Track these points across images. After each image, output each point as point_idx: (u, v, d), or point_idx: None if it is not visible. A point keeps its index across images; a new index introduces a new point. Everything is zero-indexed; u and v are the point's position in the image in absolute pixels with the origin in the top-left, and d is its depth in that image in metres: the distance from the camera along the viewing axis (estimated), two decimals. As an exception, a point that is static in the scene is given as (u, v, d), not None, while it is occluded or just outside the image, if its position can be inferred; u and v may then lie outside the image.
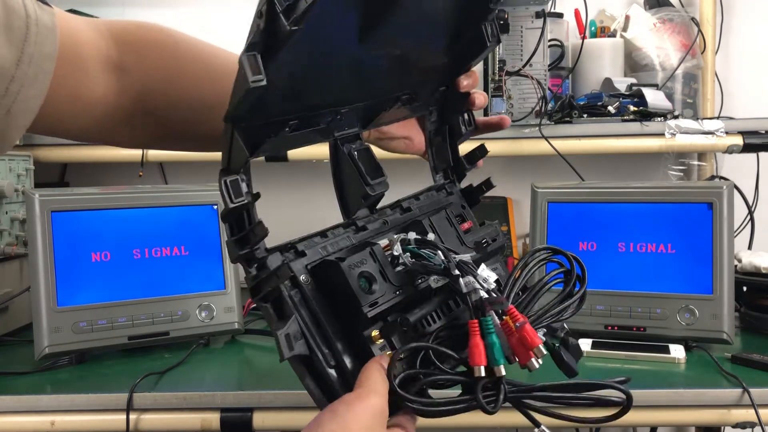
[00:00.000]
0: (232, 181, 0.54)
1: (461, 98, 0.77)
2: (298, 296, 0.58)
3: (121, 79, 0.57)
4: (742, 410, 0.94)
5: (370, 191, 0.64)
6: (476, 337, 0.56)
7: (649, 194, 1.16)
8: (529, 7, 1.37)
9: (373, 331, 0.58)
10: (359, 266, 0.58)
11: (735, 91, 1.70)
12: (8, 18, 0.44)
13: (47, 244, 1.09)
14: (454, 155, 0.78)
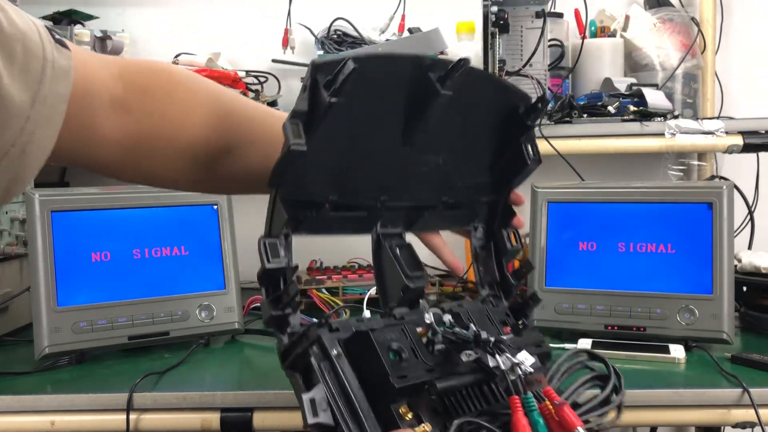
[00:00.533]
0: (270, 242, 0.57)
1: (506, 215, 0.77)
2: (328, 367, 0.57)
3: (125, 119, 0.57)
4: (742, 410, 0.94)
5: (410, 283, 0.65)
6: (519, 413, 0.54)
7: (649, 194, 1.16)
8: (529, 7, 1.37)
9: (401, 406, 0.56)
10: (390, 340, 0.58)
11: (735, 91, 1.70)
12: (26, 60, 0.45)
13: (47, 244, 1.09)
14: (501, 271, 0.77)
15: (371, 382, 0.57)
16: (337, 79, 0.54)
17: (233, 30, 1.72)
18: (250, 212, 1.48)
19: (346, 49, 1.56)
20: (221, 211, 1.21)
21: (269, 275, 0.57)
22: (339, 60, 0.55)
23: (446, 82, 0.62)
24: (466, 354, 0.58)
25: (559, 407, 0.54)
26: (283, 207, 0.58)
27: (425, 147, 0.67)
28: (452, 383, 0.57)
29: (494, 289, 0.77)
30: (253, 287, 1.58)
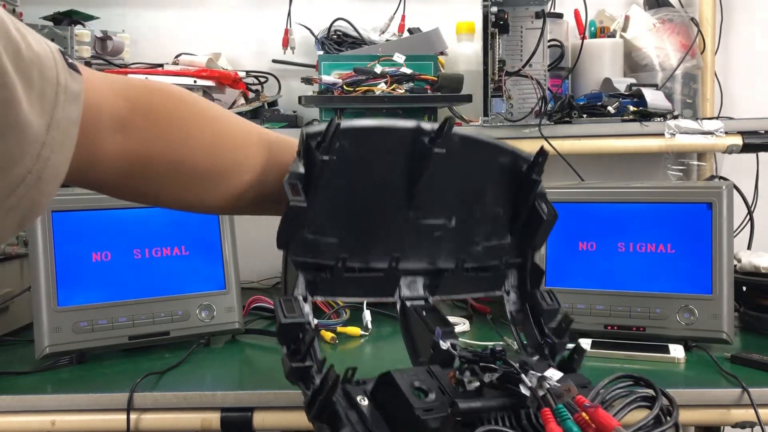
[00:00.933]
0: (285, 300, 0.60)
1: (535, 275, 0.77)
2: (356, 417, 0.58)
3: (125, 141, 0.58)
4: (741, 410, 0.94)
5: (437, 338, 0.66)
6: (551, 423, 0.53)
7: (649, 194, 1.16)
8: (529, 7, 1.37)
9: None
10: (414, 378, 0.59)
11: (735, 91, 1.70)
12: (42, 85, 0.45)
13: (48, 244, 1.09)
14: (541, 333, 0.76)
15: (400, 424, 0.56)
16: (326, 137, 0.59)
17: (233, 30, 1.72)
18: (250, 212, 1.49)
19: (346, 50, 1.56)
20: (221, 211, 1.21)
21: (286, 330, 0.58)
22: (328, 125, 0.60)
23: (437, 141, 0.66)
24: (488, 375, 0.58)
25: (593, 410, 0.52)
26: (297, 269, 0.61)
27: (432, 211, 0.69)
28: (477, 405, 0.56)
29: (538, 350, 0.76)
30: (253, 287, 1.59)
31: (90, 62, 1.46)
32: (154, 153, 0.60)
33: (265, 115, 1.48)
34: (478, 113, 1.40)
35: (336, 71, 1.39)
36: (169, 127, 0.61)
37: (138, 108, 0.58)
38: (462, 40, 1.63)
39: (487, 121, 1.36)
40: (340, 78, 1.37)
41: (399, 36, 1.60)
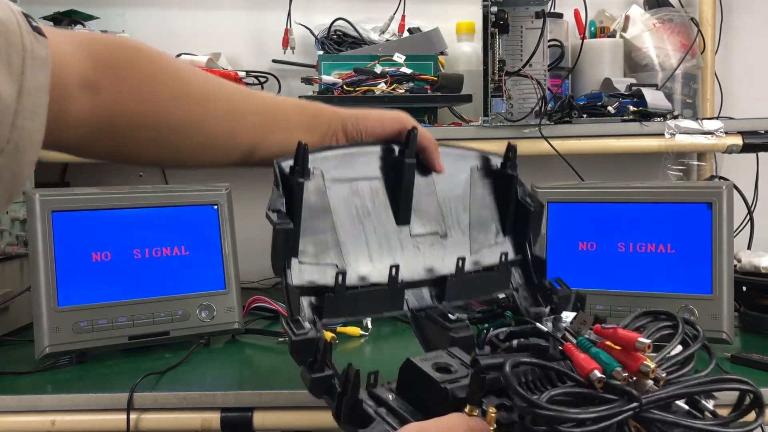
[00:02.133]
0: (294, 321, 0.61)
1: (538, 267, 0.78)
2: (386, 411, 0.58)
3: (94, 99, 0.58)
4: (741, 410, 0.94)
5: (454, 335, 0.67)
6: (576, 352, 0.52)
7: (649, 194, 1.16)
8: (529, 7, 1.37)
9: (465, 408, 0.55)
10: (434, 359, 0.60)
11: (735, 91, 1.70)
12: (8, 53, 0.44)
13: (48, 244, 1.09)
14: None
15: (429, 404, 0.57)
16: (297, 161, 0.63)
17: (233, 30, 1.72)
18: (250, 212, 1.49)
19: (346, 49, 1.56)
20: (221, 211, 1.21)
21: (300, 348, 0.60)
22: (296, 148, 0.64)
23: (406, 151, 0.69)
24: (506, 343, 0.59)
25: (612, 331, 0.51)
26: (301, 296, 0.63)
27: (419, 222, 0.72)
28: (498, 360, 0.56)
29: None
30: (253, 287, 1.59)
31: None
32: (123, 110, 0.60)
33: (265, 115, 1.48)
34: (478, 113, 1.40)
35: (336, 71, 1.39)
36: (136, 82, 0.61)
37: (103, 66, 0.58)
38: (462, 40, 1.63)
39: (487, 121, 1.36)
40: (340, 78, 1.37)
41: (399, 36, 1.60)
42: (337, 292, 0.65)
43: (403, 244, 0.71)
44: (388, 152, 0.70)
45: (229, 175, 1.50)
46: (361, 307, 0.68)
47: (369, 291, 0.68)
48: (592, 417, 0.47)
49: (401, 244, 0.71)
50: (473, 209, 0.76)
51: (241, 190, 1.39)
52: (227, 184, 1.24)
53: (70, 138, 0.58)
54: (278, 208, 0.61)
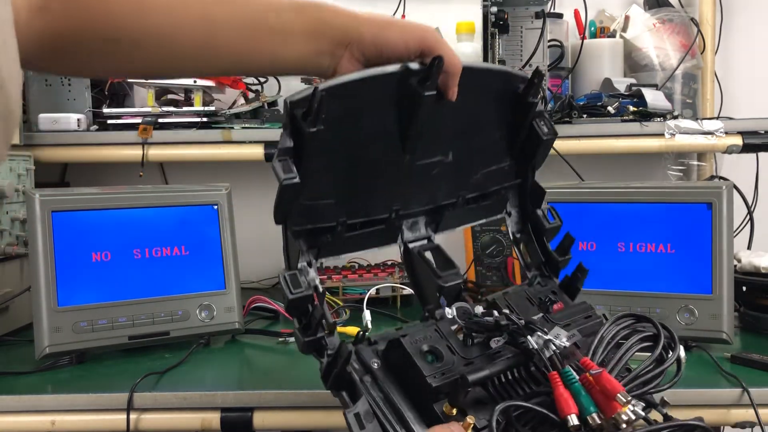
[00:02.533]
0: (290, 275, 0.59)
1: (536, 194, 0.77)
2: (370, 381, 0.59)
3: (44, 18, 0.58)
4: (741, 410, 0.94)
5: (443, 283, 0.66)
6: (560, 387, 0.54)
7: (649, 194, 1.16)
8: (528, 8, 1.37)
9: (444, 405, 0.57)
10: (423, 341, 0.60)
11: (734, 91, 1.70)
12: None
13: (48, 244, 1.09)
14: (544, 251, 0.78)
15: (412, 386, 0.58)
16: (312, 109, 0.56)
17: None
18: (250, 212, 1.49)
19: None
20: (221, 211, 1.21)
21: (295, 305, 0.59)
22: (311, 92, 0.57)
23: (427, 83, 0.62)
24: (494, 341, 0.59)
25: (598, 375, 0.53)
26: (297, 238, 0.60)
27: (428, 150, 0.67)
28: (484, 373, 0.57)
29: (541, 269, 0.78)
30: (253, 287, 1.59)
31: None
32: (75, 26, 0.59)
33: (266, 116, 1.48)
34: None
35: (336, 71, 1.39)
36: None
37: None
38: (462, 40, 1.62)
39: (487, 121, 1.36)
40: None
41: (399, 36, 1.59)
42: (336, 235, 0.64)
43: (407, 174, 0.68)
44: (405, 77, 0.63)
45: (229, 175, 1.50)
46: (358, 245, 0.68)
47: (368, 232, 0.67)
48: None
49: (406, 175, 0.68)
50: (484, 132, 0.72)
51: (241, 190, 1.39)
52: (227, 184, 1.24)
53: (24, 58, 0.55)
54: (285, 158, 0.57)
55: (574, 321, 0.69)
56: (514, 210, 0.78)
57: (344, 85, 0.59)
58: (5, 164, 1.25)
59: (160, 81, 1.45)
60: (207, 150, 1.42)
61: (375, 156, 0.65)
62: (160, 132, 1.40)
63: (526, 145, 0.74)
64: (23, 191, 1.26)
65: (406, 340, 0.58)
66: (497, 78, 0.71)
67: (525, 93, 0.71)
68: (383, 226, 0.68)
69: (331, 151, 0.61)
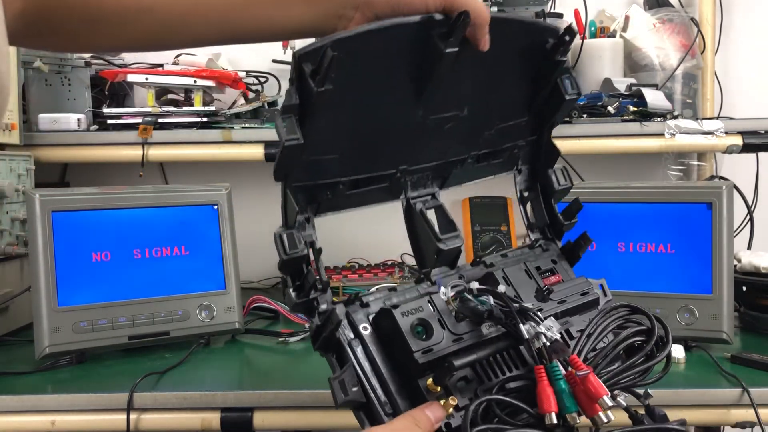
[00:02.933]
0: (287, 234, 0.57)
1: (550, 153, 0.74)
2: (359, 346, 0.58)
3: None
4: (741, 410, 0.94)
5: (442, 246, 0.64)
6: (544, 382, 0.54)
7: (649, 194, 1.16)
8: (528, 7, 1.37)
9: (429, 380, 0.57)
10: (414, 313, 0.58)
11: (735, 91, 1.70)
12: None
13: (48, 244, 1.09)
14: (550, 213, 0.76)
15: (399, 358, 0.57)
16: (322, 67, 0.53)
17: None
18: (250, 212, 1.49)
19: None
20: (221, 211, 1.21)
21: (289, 264, 0.57)
22: (321, 46, 0.53)
23: (449, 39, 0.58)
24: (486, 326, 0.58)
25: (584, 377, 0.53)
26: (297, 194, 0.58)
27: (443, 105, 0.64)
28: (471, 358, 0.57)
29: (545, 232, 0.75)
30: (253, 287, 1.59)
31: (90, 62, 1.46)
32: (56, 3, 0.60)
33: (266, 115, 1.48)
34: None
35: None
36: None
37: None
38: (462, 40, 1.62)
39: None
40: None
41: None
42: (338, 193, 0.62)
43: (418, 129, 0.64)
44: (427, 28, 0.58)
45: (229, 175, 1.50)
46: (360, 201, 0.65)
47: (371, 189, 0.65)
48: None
49: (417, 129, 0.64)
50: (504, 87, 0.68)
51: (241, 190, 1.39)
52: (227, 184, 1.24)
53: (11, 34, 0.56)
54: (290, 116, 0.54)
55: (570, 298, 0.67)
56: (525, 167, 0.75)
57: (358, 37, 0.55)
58: (5, 164, 1.25)
59: (160, 82, 1.45)
60: (207, 150, 1.42)
61: (385, 111, 0.61)
62: (160, 132, 1.40)
63: (547, 102, 0.70)
64: (23, 191, 1.26)
65: (397, 312, 0.57)
66: (526, 30, 0.66)
67: (554, 49, 0.67)
68: (387, 183, 0.66)
69: (338, 108, 0.57)
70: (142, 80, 1.45)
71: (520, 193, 0.76)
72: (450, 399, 0.56)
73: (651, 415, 0.60)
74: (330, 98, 0.54)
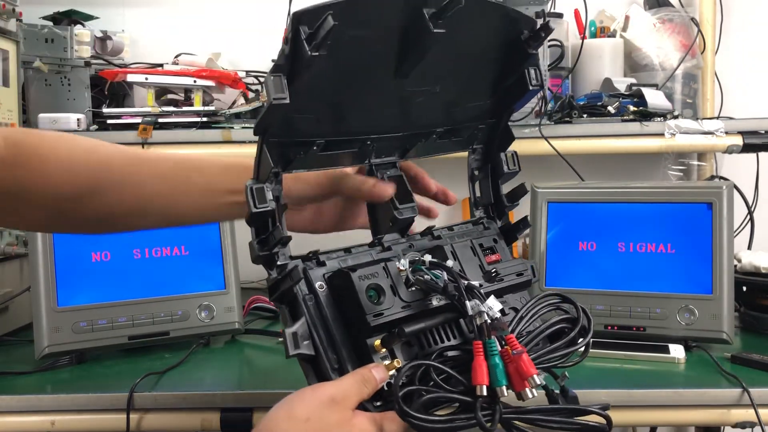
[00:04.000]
0: (257, 188, 0.58)
1: (505, 138, 0.79)
2: (313, 302, 0.61)
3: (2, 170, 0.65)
4: (741, 410, 0.94)
5: (398, 215, 0.69)
6: (480, 357, 0.58)
7: (649, 194, 1.16)
8: (528, 7, 1.37)
9: (376, 341, 0.60)
10: (370, 278, 0.61)
11: (735, 91, 1.70)
12: None
13: (47, 244, 1.09)
14: (496, 193, 0.80)
15: (350, 317, 0.60)
16: (318, 34, 0.54)
17: (233, 30, 1.72)
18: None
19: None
20: (221, 211, 1.21)
21: (256, 218, 0.59)
22: (321, 10, 0.54)
23: (439, 21, 0.61)
24: (437, 299, 0.62)
25: (518, 356, 0.58)
26: (272, 150, 0.60)
27: (419, 79, 0.67)
28: (420, 326, 0.61)
29: (489, 211, 0.80)
30: (253, 287, 1.59)
31: (90, 62, 1.46)
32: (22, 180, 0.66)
33: (265, 115, 1.48)
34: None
35: (336, 71, 1.39)
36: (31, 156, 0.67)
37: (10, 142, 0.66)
38: (462, 40, 1.62)
39: (487, 121, 1.36)
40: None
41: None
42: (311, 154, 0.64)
43: (390, 98, 0.68)
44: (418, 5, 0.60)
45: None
46: (328, 162, 0.68)
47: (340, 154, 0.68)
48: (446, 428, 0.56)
49: (390, 98, 0.68)
50: (476, 69, 0.72)
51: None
52: (227, 184, 1.23)
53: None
54: (279, 75, 0.55)
55: (507, 277, 0.71)
56: (480, 147, 0.80)
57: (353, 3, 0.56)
58: (5, 164, 1.25)
59: (160, 82, 1.45)
60: (207, 150, 1.41)
61: (365, 79, 0.64)
62: (160, 132, 1.40)
63: (511, 90, 0.75)
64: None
65: (355, 275, 0.60)
66: (504, 17, 0.70)
67: (528, 41, 0.71)
68: (357, 149, 0.69)
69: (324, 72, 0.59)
70: (141, 80, 1.45)
71: (471, 172, 0.80)
72: (395, 361, 0.60)
73: (564, 394, 0.64)
74: (319, 62, 0.56)
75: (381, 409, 0.60)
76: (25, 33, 1.40)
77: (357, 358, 0.60)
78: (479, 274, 0.71)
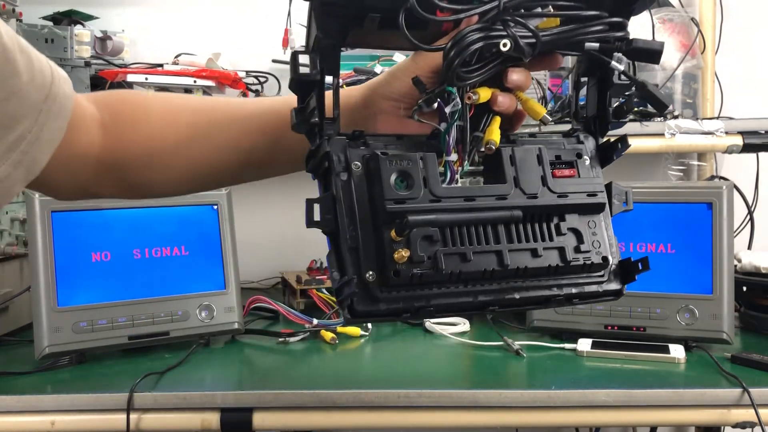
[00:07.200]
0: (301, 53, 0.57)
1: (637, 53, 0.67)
2: (345, 179, 0.59)
3: (103, 135, 0.64)
4: (741, 410, 0.94)
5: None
6: None
7: (649, 194, 1.16)
8: (529, 7, 1.37)
9: (392, 230, 0.57)
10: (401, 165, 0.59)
11: (735, 91, 1.70)
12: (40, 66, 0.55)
13: (47, 244, 1.09)
14: (601, 104, 0.69)
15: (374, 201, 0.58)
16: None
17: (233, 30, 1.72)
18: (250, 212, 1.49)
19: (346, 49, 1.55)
20: (221, 211, 1.21)
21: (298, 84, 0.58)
22: None
23: None
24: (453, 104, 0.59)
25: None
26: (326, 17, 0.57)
27: None
28: (428, 218, 0.57)
29: (589, 124, 0.70)
30: (253, 287, 1.59)
31: (90, 62, 1.46)
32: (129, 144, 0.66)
33: (265, 115, 1.48)
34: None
35: (336, 71, 1.39)
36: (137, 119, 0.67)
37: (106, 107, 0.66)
38: (462, 40, 1.62)
39: (487, 121, 1.36)
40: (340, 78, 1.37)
41: (399, 35, 1.59)
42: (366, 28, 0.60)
43: None
44: None
45: (229, 175, 1.50)
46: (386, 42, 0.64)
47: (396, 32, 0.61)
48: None
49: None
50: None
51: (241, 190, 1.39)
52: (227, 184, 1.23)
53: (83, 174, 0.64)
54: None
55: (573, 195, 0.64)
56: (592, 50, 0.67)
57: None
58: (5, 164, 1.25)
59: (160, 82, 1.45)
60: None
61: None
62: (160, 132, 1.40)
63: None
64: (23, 191, 1.26)
65: (384, 159, 0.58)
66: None
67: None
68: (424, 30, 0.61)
69: None
70: (142, 80, 1.45)
71: (576, 77, 0.71)
72: (403, 251, 0.56)
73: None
74: None
75: None
76: (25, 33, 1.40)
77: (374, 246, 0.58)
78: (537, 185, 0.62)
